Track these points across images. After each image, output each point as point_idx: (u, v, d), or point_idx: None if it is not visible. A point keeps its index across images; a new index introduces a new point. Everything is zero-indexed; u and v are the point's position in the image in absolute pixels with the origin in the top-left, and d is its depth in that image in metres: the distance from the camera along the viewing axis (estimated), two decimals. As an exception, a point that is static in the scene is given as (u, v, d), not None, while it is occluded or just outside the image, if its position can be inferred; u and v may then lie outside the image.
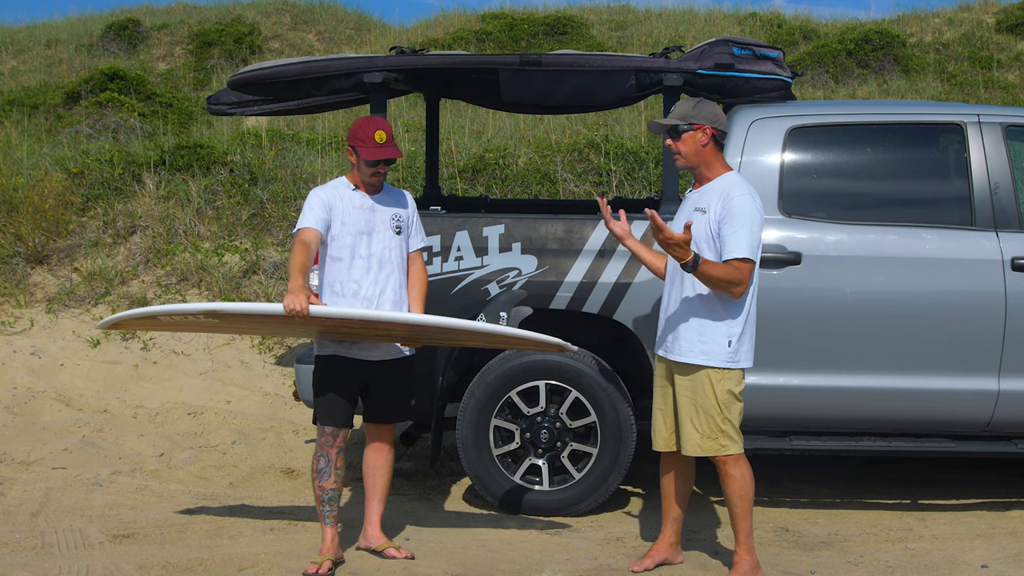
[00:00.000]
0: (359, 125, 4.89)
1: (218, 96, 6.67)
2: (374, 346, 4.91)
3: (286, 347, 8.43)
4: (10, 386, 7.81)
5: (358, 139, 4.85)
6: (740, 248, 4.43)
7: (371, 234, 4.87)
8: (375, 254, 4.87)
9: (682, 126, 4.60)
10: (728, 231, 4.46)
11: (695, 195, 4.69)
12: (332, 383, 4.90)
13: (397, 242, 4.94)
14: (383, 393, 4.98)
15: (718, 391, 4.56)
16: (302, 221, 4.80)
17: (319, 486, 4.88)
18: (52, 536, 5.24)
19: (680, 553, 4.96)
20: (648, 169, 9.99)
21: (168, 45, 18.52)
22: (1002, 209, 5.49)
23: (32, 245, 9.15)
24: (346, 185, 4.94)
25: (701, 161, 4.63)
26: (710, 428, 4.57)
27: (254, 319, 4.98)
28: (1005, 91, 14.30)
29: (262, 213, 9.51)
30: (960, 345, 5.43)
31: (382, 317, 4.68)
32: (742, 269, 4.44)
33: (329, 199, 4.85)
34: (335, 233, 4.84)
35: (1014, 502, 5.92)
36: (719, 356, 4.54)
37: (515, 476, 5.62)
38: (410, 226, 5.03)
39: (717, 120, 4.60)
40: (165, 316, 4.85)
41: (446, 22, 19.03)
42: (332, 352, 4.91)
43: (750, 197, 4.51)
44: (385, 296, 4.87)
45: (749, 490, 4.63)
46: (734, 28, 17.87)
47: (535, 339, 4.83)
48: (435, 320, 4.75)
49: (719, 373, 4.56)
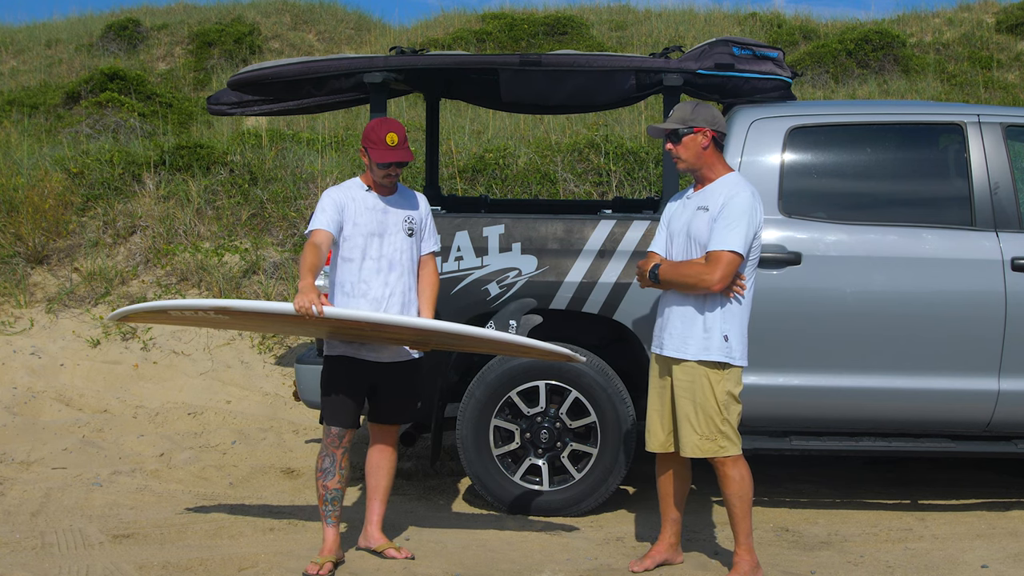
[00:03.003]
0: (372, 127, 4.88)
1: (218, 96, 6.67)
2: (382, 347, 4.91)
3: (286, 347, 8.43)
4: (10, 386, 7.81)
5: (370, 141, 4.84)
6: (725, 241, 4.46)
7: (383, 236, 4.87)
8: (386, 255, 4.86)
9: (682, 130, 4.61)
10: (721, 225, 4.48)
11: (696, 195, 4.69)
12: (340, 384, 4.89)
13: (409, 244, 4.93)
14: (390, 394, 4.98)
15: (717, 392, 4.56)
16: (314, 223, 4.80)
17: (323, 485, 4.87)
18: (52, 536, 5.24)
19: (680, 553, 4.96)
20: (648, 169, 9.99)
21: (168, 45, 18.52)
22: (1002, 209, 5.49)
23: (32, 245, 9.15)
24: (359, 186, 4.93)
25: (703, 164, 4.64)
26: (709, 429, 4.57)
27: (264, 317, 4.96)
28: (1005, 91, 14.30)
29: (262, 213, 9.51)
30: (960, 345, 5.43)
31: (390, 321, 4.66)
32: (718, 260, 4.45)
33: (342, 200, 4.85)
34: (347, 234, 4.84)
35: (1014, 502, 5.92)
36: (716, 350, 4.54)
37: (515, 476, 5.62)
38: (423, 229, 5.02)
39: (716, 122, 4.62)
40: (176, 311, 4.89)
41: (446, 22, 19.03)
42: (341, 352, 4.91)
43: (750, 196, 4.54)
44: (394, 298, 4.86)
45: (748, 491, 4.63)
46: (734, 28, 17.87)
47: (544, 349, 4.80)
48: (443, 326, 4.72)
49: (718, 373, 4.56)
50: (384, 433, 5.05)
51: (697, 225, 4.58)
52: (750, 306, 4.64)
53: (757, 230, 4.56)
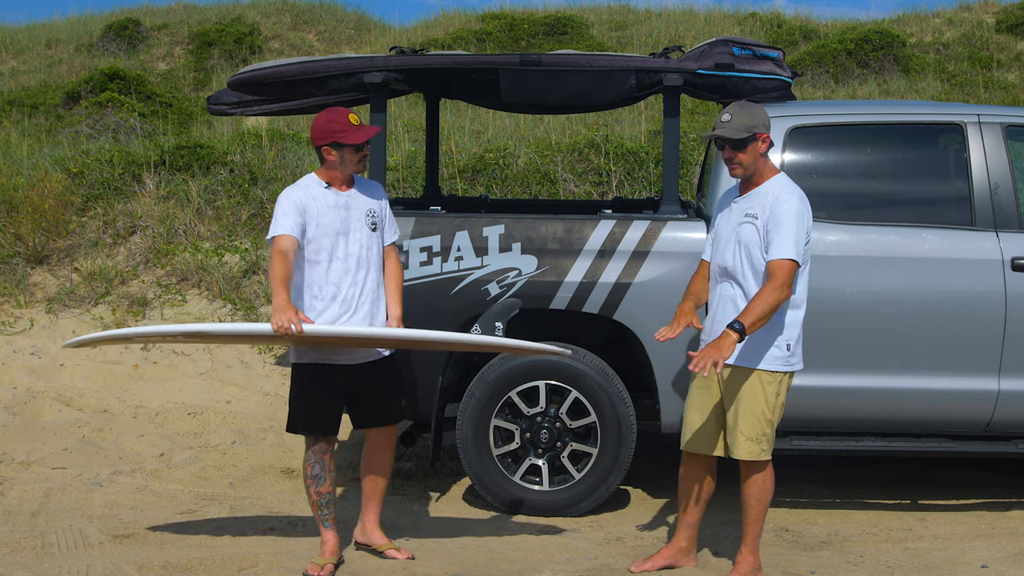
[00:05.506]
0: (327, 120, 4.74)
1: (218, 96, 6.66)
2: (353, 349, 4.80)
3: (286, 347, 8.43)
4: (10, 386, 7.81)
5: (334, 131, 4.72)
6: (782, 249, 4.41)
7: (347, 234, 4.75)
8: (352, 254, 4.76)
9: (749, 137, 4.54)
10: (773, 234, 4.46)
11: (742, 200, 4.65)
12: (315, 391, 4.78)
13: (374, 239, 4.84)
14: (369, 396, 4.88)
15: (768, 394, 4.54)
16: (275, 228, 4.62)
17: (316, 492, 4.82)
18: (52, 536, 5.24)
19: (693, 558, 4.90)
20: (648, 169, 9.99)
21: (168, 45, 18.53)
22: (1002, 209, 5.49)
23: (32, 245, 9.15)
24: (317, 183, 4.80)
25: (756, 168, 4.61)
26: (757, 432, 4.54)
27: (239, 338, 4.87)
28: (1005, 91, 14.31)
29: (262, 213, 9.51)
30: (960, 345, 5.43)
31: (380, 334, 4.62)
32: (779, 270, 4.40)
33: (302, 201, 4.70)
34: (311, 236, 4.70)
35: (1014, 502, 5.92)
36: (776, 360, 4.53)
37: (515, 476, 5.62)
38: (384, 220, 4.93)
39: (770, 125, 4.62)
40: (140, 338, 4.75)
41: (446, 22, 19.03)
42: (311, 360, 4.79)
43: (798, 200, 4.51)
44: (364, 296, 4.77)
45: (768, 495, 4.64)
46: (734, 28, 17.87)
47: (529, 348, 4.83)
48: (430, 335, 4.71)
49: (772, 376, 4.54)
50: (377, 435, 4.98)
51: (748, 233, 4.54)
52: (803, 307, 4.61)
53: (808, 233, 4.54)
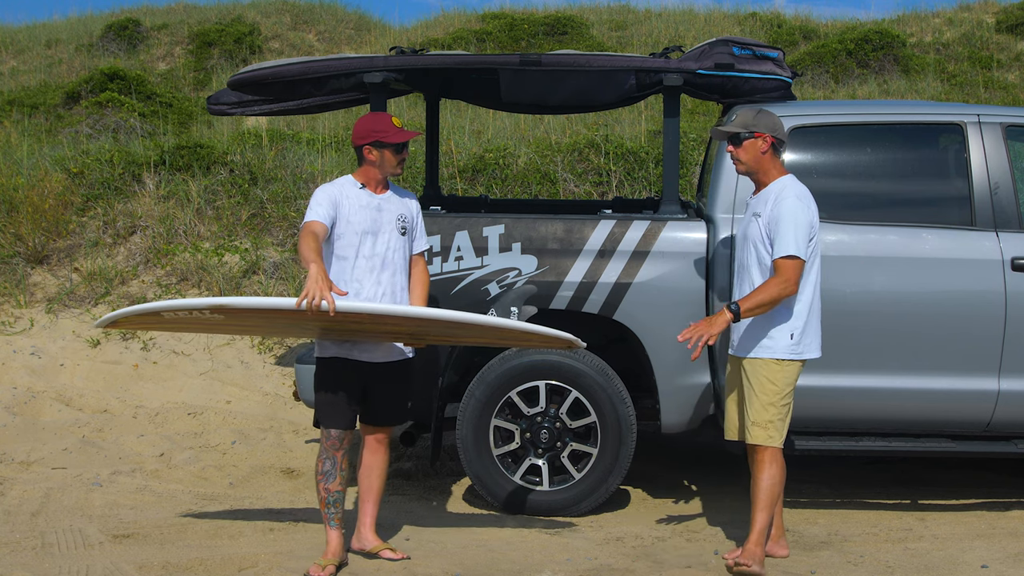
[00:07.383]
0: (371, 120, 4.84)
1: (218, 96, 6.67)
2: (375, 347, 4.87)
3: (286, 347, 8.43)
4: (10, 386, 7.81)
5: (379, 131, 4.79)
6: (783, 247, 4.68)
7: (376, 234, 4.83)
8: (379, 254, 4.83)
9: (743, 134, 4.81)
10: (775, 233, 4.72)
11: (753, 201, 4.93)
12: (335, 386, 4.85)
13: (402, 243, 4.90)
14: (382, 396, 4.94)
15: (775, 380, 4.76)
16: (309, 214, 4.72)
17: (324, 488, 4.84)
18: (52, 536, 5.24)
19: (785, 547, 5.05)
20: (648, 169, 9.99)
21: (168, 45, 18.53)
22: (1002, 209, 5.49)
23: (32, 245, 9.15)
24: (352, 183, 4.88)
25: (759, 168, 4.86)
26: (764, 418, 4.76)
27: (261, 315, 4.76)
28: (1005, 91, 14.31)
29: (262, 213, 9.51)
30: (960, 345, 5.43)
31: (397, 312, 4.63)
32: (783, 268, 4.67)
33: (336, 196, 4.80)
34: (340, 231, 4.79)
35: (1014, 502, 5.92)
36: (782, 349, 4.76)
37: (515, 476, 5.62)
38: (415, 228, 5.00)
39: (776, 129, 4.84)
40: (169, 312, 4.65)
41: (446, 22, 19.03)
42: (333, 354, 4.87)
43: (796, 199, 4.74)
44: (386, 297, 4.82)
45: (778, 484, 4.80)
46: (734, 28, 17.87)
47: (545, 334, 4.76)
48: (449, 315, 4.67)
49: (779, 364, 4.77)
50: (376, 434, 5.00)
51: (753, 230, 4.82)
52: (818, 298, 4.83)
53: (811, 228, 4.73)
